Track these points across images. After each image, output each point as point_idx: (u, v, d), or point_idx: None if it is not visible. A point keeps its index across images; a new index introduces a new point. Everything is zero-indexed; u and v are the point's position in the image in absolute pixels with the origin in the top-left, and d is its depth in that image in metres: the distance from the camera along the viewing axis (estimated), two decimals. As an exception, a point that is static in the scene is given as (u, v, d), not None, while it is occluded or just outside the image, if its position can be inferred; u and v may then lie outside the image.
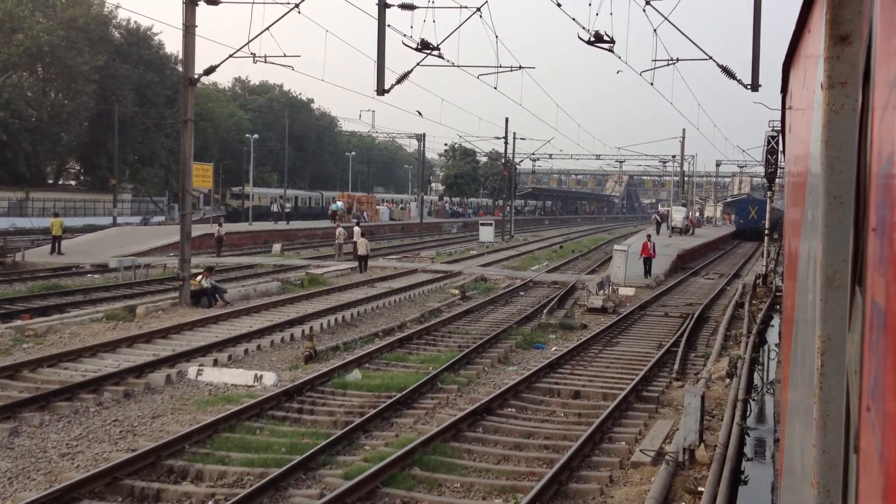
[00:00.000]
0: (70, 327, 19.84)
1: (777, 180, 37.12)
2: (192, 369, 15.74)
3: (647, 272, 34.04)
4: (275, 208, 69.27)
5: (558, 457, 11.03)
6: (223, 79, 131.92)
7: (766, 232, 36.49)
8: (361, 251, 35.76)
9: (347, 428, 12.06)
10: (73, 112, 74.39)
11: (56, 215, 40.83)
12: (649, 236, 35.94)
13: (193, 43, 24.14)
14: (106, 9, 79.46)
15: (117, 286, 28.42)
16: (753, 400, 14.79)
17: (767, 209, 37.56)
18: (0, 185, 70.47)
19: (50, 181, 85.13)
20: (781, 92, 5.82)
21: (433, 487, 10.14)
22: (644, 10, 22.64)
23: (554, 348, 19.65)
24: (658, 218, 64.98)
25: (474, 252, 50.14)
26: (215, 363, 16.52)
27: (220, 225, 45.65)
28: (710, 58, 24.48)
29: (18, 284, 28.39)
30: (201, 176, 53.36)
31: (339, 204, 74.01)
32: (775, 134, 33.32)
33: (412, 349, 19.04)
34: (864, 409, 1.66)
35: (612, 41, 22.72)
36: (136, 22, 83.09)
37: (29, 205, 71.16)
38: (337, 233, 42.56)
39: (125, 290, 27.67)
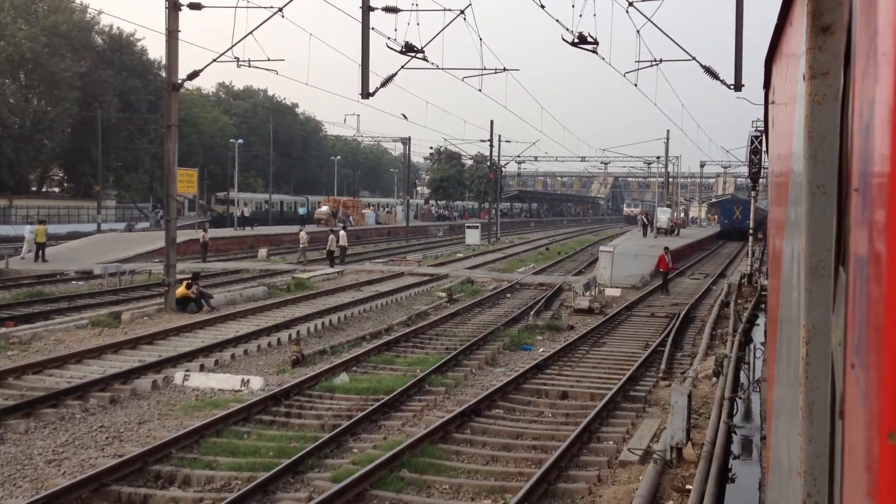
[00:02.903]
0: (55, 334, 19.73)
1: (761, 180, 37.37)
2: (178, 374, 15.67)
3: (665, 288, 30.98)
4: (237, 213, 68.75)
5: (546, 457, 11.05)
6: (207, 84, 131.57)
7: (751, 232, 36.67)
8: (342, 242, 39.97)
9: (335, 431, 12.04)
10: (56, 119, 73.94)
11: (41, 222, 40.58)
12: (667, 248, 32.48)
13: (176, 48, 24.06)
14: (88, 15, 79.11)
15: (102, 293, 28.26)
16: (740, 398, 14.85)
17: (752, 209, 37.75)
18: (-18, 193, 70.00)
19: (33, 188, 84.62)
20: (764, 87, 5.85)
21: (422, 489, 10.14)
22: (627, 12, 22.76)
23: (541, 349, 19.68)
24: (645, 219, 64.89)
25: (461, 255, 50.16)
26: (202, 368, 16.46)
27: (205, 230, 45.53)
28: (694, 58, 24.59)
29: (2, 292, 28.18)
30: (186, 181, 53.29)
31: (323, 210, 74.11)
32: (759, 134, 33.50)
33: (399, 352, 19.03)
34: (850, 368, 1.67)
35: (596, 42, 22.80)
36: (118, 28, 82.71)
37: (12, 212, 70.70)
38: (301, 237, 42.84)
39: (110, 296, 27.52)
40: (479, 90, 31.93)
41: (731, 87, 24.44)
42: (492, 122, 66.97)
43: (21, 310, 23.78)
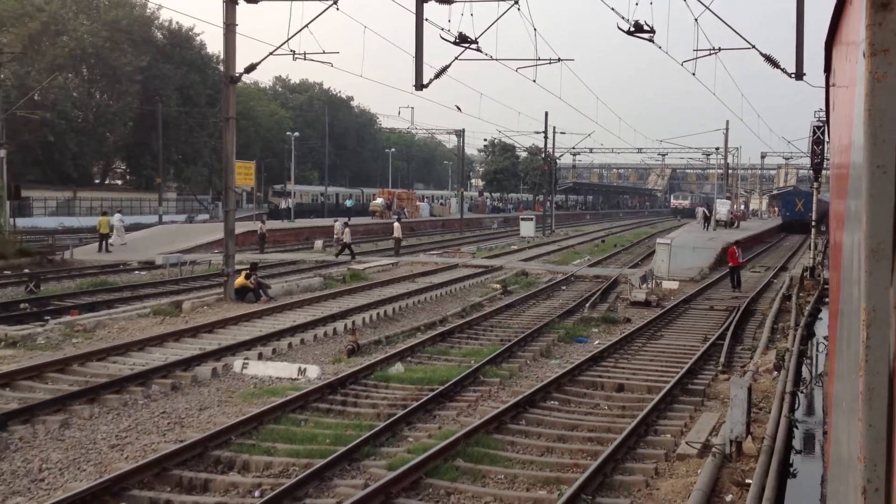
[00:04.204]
0: (118, 322, 20.19)
1: (823, 172, 36.56)
2: (237, 363, 15.93)
3: (736, 283, 29.49)
4: (284, 205, 69.20)
5: (602, 449, 10.98)
6: (264, 77, 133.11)
7: (814, 224, 35.92)
8: (397, 234, 42.93)
9: (391, 420, 12.12)
10: (118, 112, 75.56)
11: (104, 214, 41.51)
12: (738, 242, 31.45)
13: (234, 41, 24.39)
14: (148, 10, 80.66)
15: (164, 282, 28.87)
16: (802, 392, 14.60)
17: (814, 201, 36.96)
18: (48, 185, 71.89)
19: (96, 181, 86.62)
20: (825, 71, 5.74)
21: (477, 478, 10.16)
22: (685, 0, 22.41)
23: (597, 342, 19.56)
24: (706, 212, 63.40)
25: (515, 247, 50.07)
26: (260, 357, 16.70)
27: (263, 222, 46.18)
28: (753, 46, 24.13)
29: (67, 282, 28.95)
30: (244, 174, 54.06)
31: (378, 202, 74.66)
32: (821, 124, 32.79)
33: (454, 343, 19.07)
34: None
35: (653, 31, 22.51)
36: (178, 22, 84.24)
37: (76, 204, 72.49)
38: (336, 227, 43.06)
39: (171, 286, 28.09)
40: (534, 81, 31.72)
41: (793, 75, 23.94)
42: (546, 114, 66.75)
43: (85, 299, 24.39)
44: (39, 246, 38.32)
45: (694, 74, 27.69)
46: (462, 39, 23.57)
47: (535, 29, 28.42)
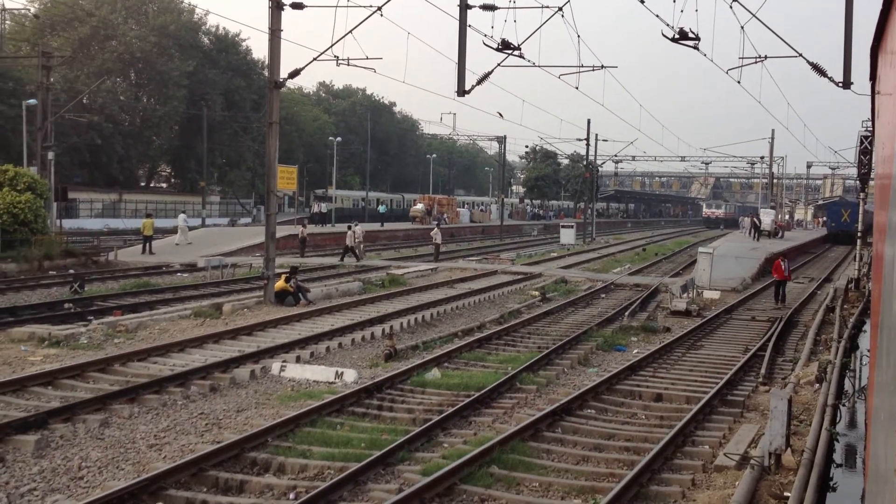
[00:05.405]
0: (159, 323, 20.44)
1: (870, 182, 35.90)
2: (275, 365, 16.03)
3: (781, 298, 28.38)
4: (315, 209, 69.31)
5: (639, 458, 10.87)
6: (308, 83, 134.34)
7: (859, 235, 35.28)
8: (436, 240, 43.97)
9: (426, 425, 12.11)
10: (164, 116, 76.61)
11: (149, 216, 42.11)
12: (784, 256, 30.48)
13: (279, 47, 24.60)
14: (196, 16, 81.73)
15: (205, 285, 29.17)
16: (844, 405, 14.33)
17: (860, 211, 36.34)
18: (94, 187, 73.10)
19: (142, 184, 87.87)
20: (870, 79, 5.62)
21: (511, 486, 10.10)
22: (731, 7, 22.16)
23: (635, 350, 19.39)
24: (756, 220, 61.89)
25: (555, 254, 49.87)
26: (298, 360, 16.80)
27: (304, 226, 46.49)
28: (800, 55, 23.77)
29: (111, 282, 29.38)
30: (286, 178, 54.35)
31: (418, 207, 74.76)
32: (868, 134, 32.23)
33: (491, 349, 19.02)
34: None
35: (698, 38, 22.26)
36: (224, 28, 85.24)
37: (122, 206, 73.59)
38: (354, 232, 40.36)
39: (212, 288, 28.37)
40: (576, 88, 31.51)
41: (840, 84, 23.52)
42: (588, 121, 66.37)
43: (128, 300, 24.72)
44: (84, 247, 38.97)
45: (739, 82, 27.28)
46: (505, 46, 23.53)
47: (578, 35, 28.31)
